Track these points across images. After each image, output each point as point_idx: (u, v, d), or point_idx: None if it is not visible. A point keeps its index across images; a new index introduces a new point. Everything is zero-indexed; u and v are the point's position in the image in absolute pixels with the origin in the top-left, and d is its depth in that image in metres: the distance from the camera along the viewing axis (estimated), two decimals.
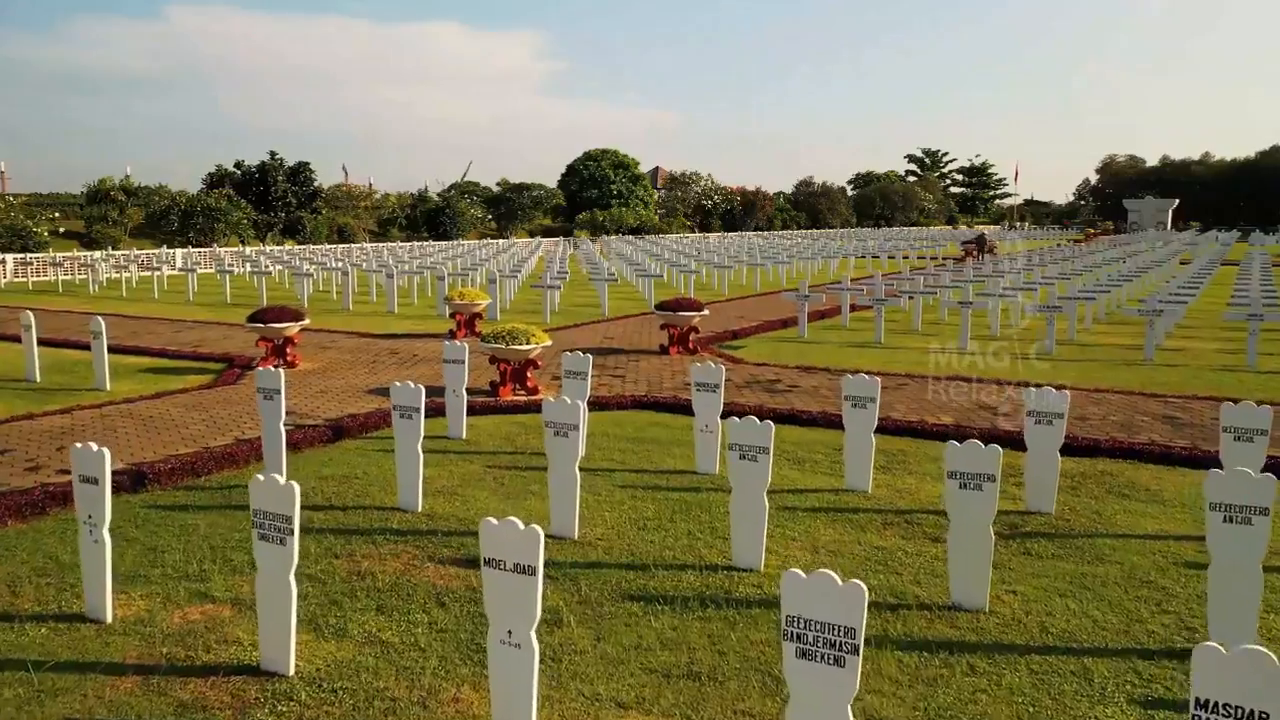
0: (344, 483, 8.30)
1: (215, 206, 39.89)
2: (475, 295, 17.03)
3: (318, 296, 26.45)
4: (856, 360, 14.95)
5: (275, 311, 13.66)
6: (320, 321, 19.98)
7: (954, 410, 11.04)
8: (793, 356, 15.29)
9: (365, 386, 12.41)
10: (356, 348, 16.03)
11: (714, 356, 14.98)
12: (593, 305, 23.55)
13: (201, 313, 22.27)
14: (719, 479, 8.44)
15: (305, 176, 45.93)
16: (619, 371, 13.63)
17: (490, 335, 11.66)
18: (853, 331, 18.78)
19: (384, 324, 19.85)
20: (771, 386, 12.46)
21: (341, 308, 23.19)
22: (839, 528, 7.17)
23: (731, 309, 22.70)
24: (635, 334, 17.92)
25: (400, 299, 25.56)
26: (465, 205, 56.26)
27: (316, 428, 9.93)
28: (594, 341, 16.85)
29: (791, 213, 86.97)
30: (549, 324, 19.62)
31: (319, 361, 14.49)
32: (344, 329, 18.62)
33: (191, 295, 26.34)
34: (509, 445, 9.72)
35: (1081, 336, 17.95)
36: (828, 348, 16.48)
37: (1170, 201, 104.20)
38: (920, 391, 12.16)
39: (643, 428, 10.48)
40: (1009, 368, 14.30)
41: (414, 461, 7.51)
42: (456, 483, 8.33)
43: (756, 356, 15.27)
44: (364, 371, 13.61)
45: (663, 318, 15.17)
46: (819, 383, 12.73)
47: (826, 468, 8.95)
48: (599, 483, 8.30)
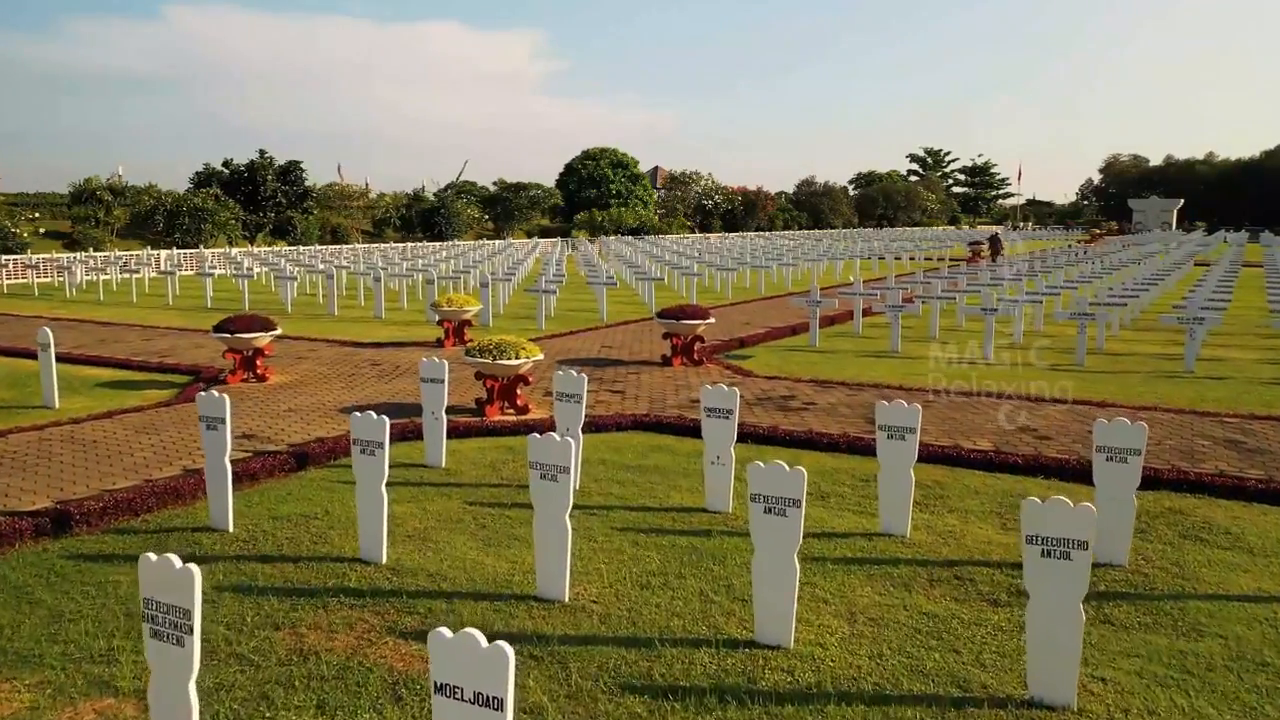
0: (300, 524, 7.19)
1: (202, 207, 38.70)
2: (464, 301, 15.93)
3: (303, 301, 25.33)
4: (874, 372, 13.85)
5: (244, 320, 12.55)
6: (300, 328, 18.87)
7: (990, 432, 9.94)
8: (806, 368, 14.19)
9: (339, 404, 11.30)
10: (336, 358, 14.92)
11: (720, 368, 13.88)
12: (590, 310, 22.45)
13: (178, 318, 21.16)
14: (733, 519, 7.35)
15: (296, 176, 44.72)
16: (618, 386, 12.52)
17: (476, 349, 10.55)
18: (867, 339, 17.68)
19: (369, 331, 18.74)
20: (785, 404, 11.35)
21: (326, 313, 22.08)
22: (878, 585, 6.06)
23: (736, 314, 21.59)
24: (635, 342, 16.82)
25: (389, 303, 24.46)
26: (461, 205, 55.10)
27: (278, 455, 8.82)
28: (591, 351, 15.74)
29: (793, 213, 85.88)
30: (544, 330, 18.52)
31: (293, 374, 13.38)
32: (324, 337, 17.50)
33: (171, 299, 25.23)
34: (494, 475, 8.61)
35: (1110, 345, 16.85)
36: (842, 358, 15.37)
37: (1175, 201, 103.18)
38: (949, 409, 11.05)
39: (644, 453, 9.38)
40: (1040, 380, 13.20)
41: (377, 506, 6.40)
42: (431, 524, 7.22)
43: (766, 368, 14.16)
44: (340, 386, 12.50)
45: (665, 326, 14.07)
46: (837, 399, 11.62)
47: (855, 503, 7.84)
48: (595, 525, 7.19)
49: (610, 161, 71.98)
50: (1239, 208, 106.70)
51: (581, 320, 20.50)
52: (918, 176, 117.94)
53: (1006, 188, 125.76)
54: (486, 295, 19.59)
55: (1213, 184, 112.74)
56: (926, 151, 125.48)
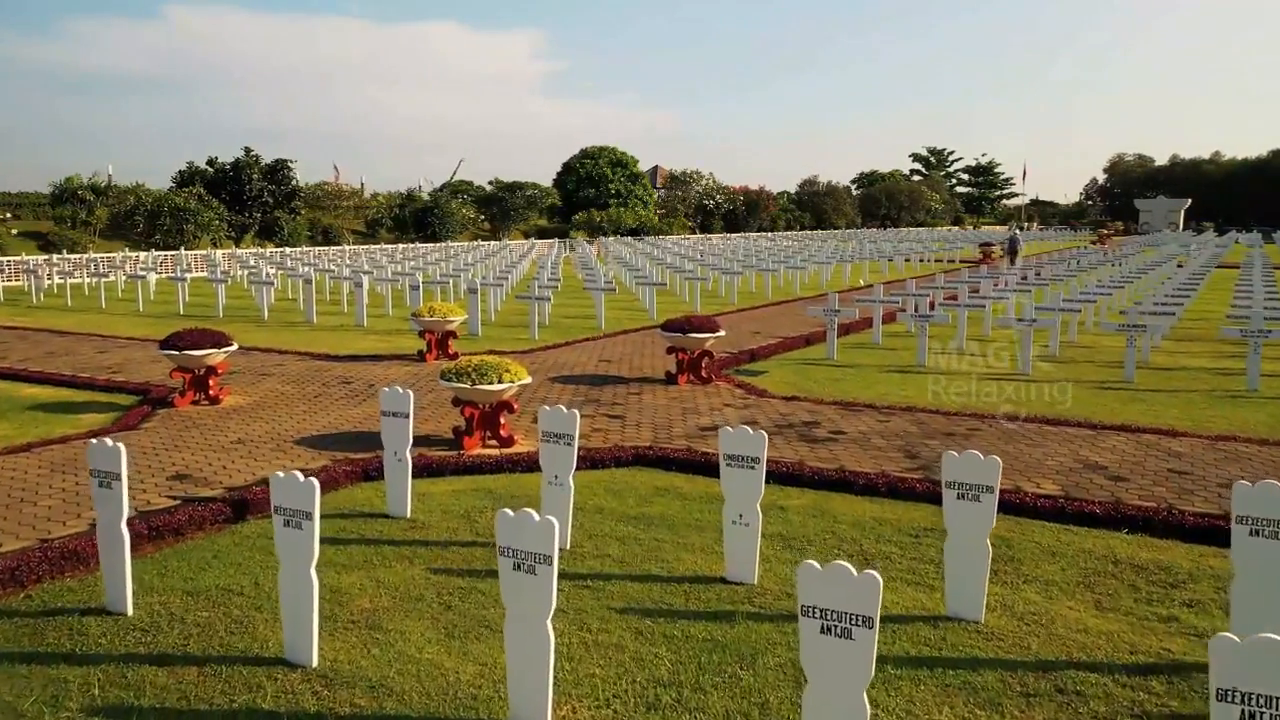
0: (219, 603, 5.74)
1: (184, 206, 37.16)
2: (448, 310, 14.48)
3: (282, 306, 23.87)
4: (904, 391, 12.40)
5: (193, 335, 11.10)
6: (271, 338, 17.41)
7: (1051, 470, 8.49)
8: (826, 386, 12.74)
9: (297, 433, 9.85)
10: (304, 374, 13.46)
11: (731, 387, 12.43)
12: (588, 317, 21.01)
13: (144, 327, 19.70)
14: (759, 594, 5.91)
15: (283, 174, 43.16)
16: (617, 409, 11.07)
17: (453, 372, 9.10)
18: (888, 351, 16.23)
19: (346, 342, 17.28)
20: (809, 432, 9.90)
21: (305, 320, 20.62)
22: (958, 705, 4.61)
23: (744, 322, 20.15)
24: (636, 355, 15.36)
25: (374, 309, 23.01)
26: (456, 205, 53.56)
27: (211, 503, 7.38)
28: (588, 365, 14.29)
29: (795, 213, 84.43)
30: (537, 341, 17.07)
31: (252, 394, 11.93)
32: (295, 348, 16.03)
33: (142, 305, 23.78)
34: (468, 529, 7.16)
35: (1154, 357, 15.41)
36: (865, 373, 13.92)
37: (1182, 201, 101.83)
38: (998, 439, 9.61)
39: (648, 497, 7.94)
40: (1091, 402, 11.76)
41: (304, 593, 4.95)
42: (383, 602, 5.78)
43: (783, 386, 12.71)
44: (303, 409, 11.04)
45: (670, 340, 12.63)
46: (868, 426, 10.17)
47: (907, 569, 6.40)
48: (587, 603, 5.75)
49: (609, 160, 70.50)
50: (1246, 208, 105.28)
51: (578, 329, 19.04)
52: (921, 176, 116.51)
53: (1011, 187, 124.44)
54: (475, 302, 18.14)
55: (1219, 184, 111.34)
56: (930, 151, 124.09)
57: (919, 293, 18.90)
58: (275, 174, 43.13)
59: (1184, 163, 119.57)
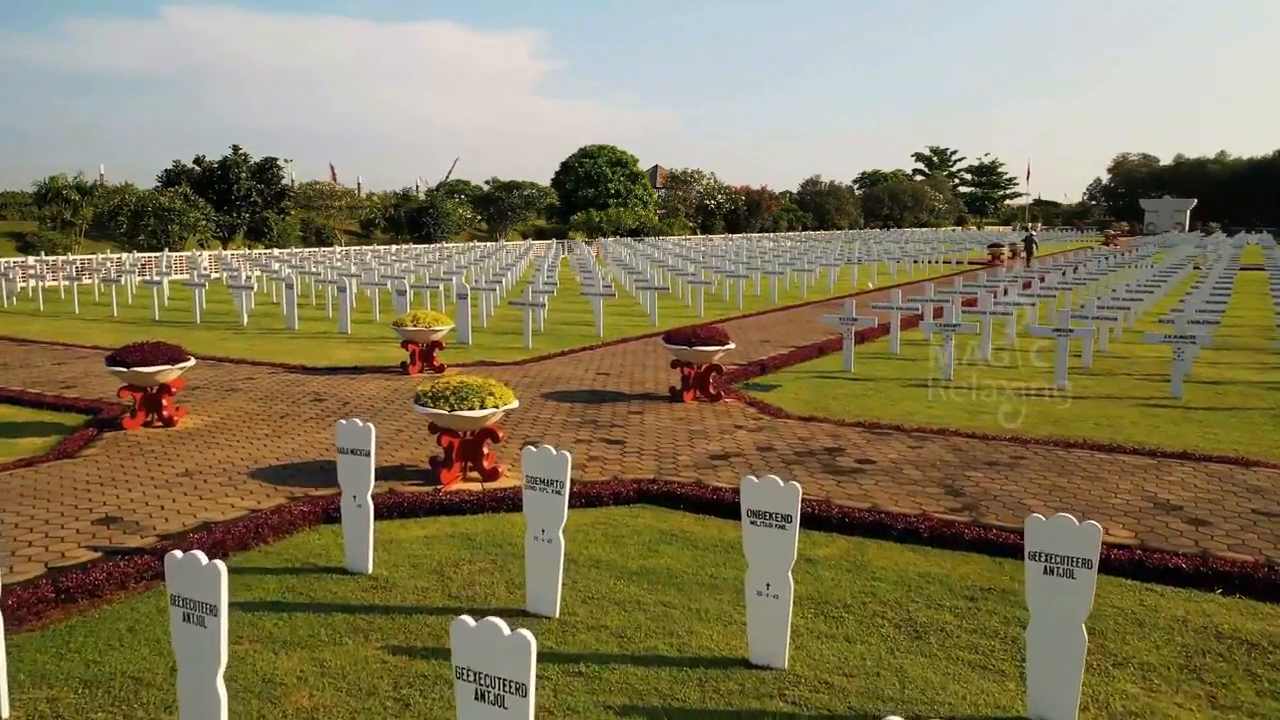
0: (119, 703, 4.62)
1: (169, 206, 35.96)
2: (433, 318, 13.34)
3: (263, 312, 22.72)
4: (932, 410, 11.27)
5: (143, 350, 9.95)
6: (246, 348, 16.27)
7: (1117, 510, 7.36)
8: (847, 404, 11.60)
9: (254, 463, 8.71)
10: (274, 389, 12.32)
11: (742, 405, 11.30)
12: (585, 323, 19.88)
13: (114, 334, 18.57)
14: (791, 682, 4.78)
15: (272, 173, 41.92)
16: (616, 432, 9.93)
17: (429, 395, 7.96)
18: (908, 361, 15.08)
19: (325, 352, 16.13)
20: (833, 462, 8.76)
21: (286, 327, 19.47)
22: None
23: (752, 329, 19.01)
24: (638, 367, 14.23)
25: (361, 314, 21.88)
26: (452, 205, 52.33)
27: (138, 557, 6.25)
28: (585, 379, 13.15)
29: (798, 213, 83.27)
30: (530, 350, 15.93)
31: (212, 413, 10.79)
32: (270, 360, 14.90)
33: (116, 310, 22.64)
34: (440, 589, 6.03)
35: (1195, 369, 14.27)
36: (886, 388, 12.78)
37: (1188, 201, 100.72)
38: (1048, 469, 8.47)
39: (653, 545, 6.80)
40: (1141, 423, 10.63)
41: (209, 709, 3.81)
42: (326, 699, 4.64)
43: (799, 404, 11.57)
44: (265, 433, 9.90)
45: (675, 353, 11.49)
46: (899, 453, 9.03)
47: (966, 644, 5.27)
48: (579, 699, 4.62)
49: (609, 159, 69.33)
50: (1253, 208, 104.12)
51: (575, 337, 17.90)
52: (924, 176, 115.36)
53: (1014, 187, 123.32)
54: (465, 308, 17.00)
55: (1224, 184, 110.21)
56: (932, 150, 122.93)
57: (938, 298, 17.75)
58: (264, 173, 41.88)
59: (1189, 162, 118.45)
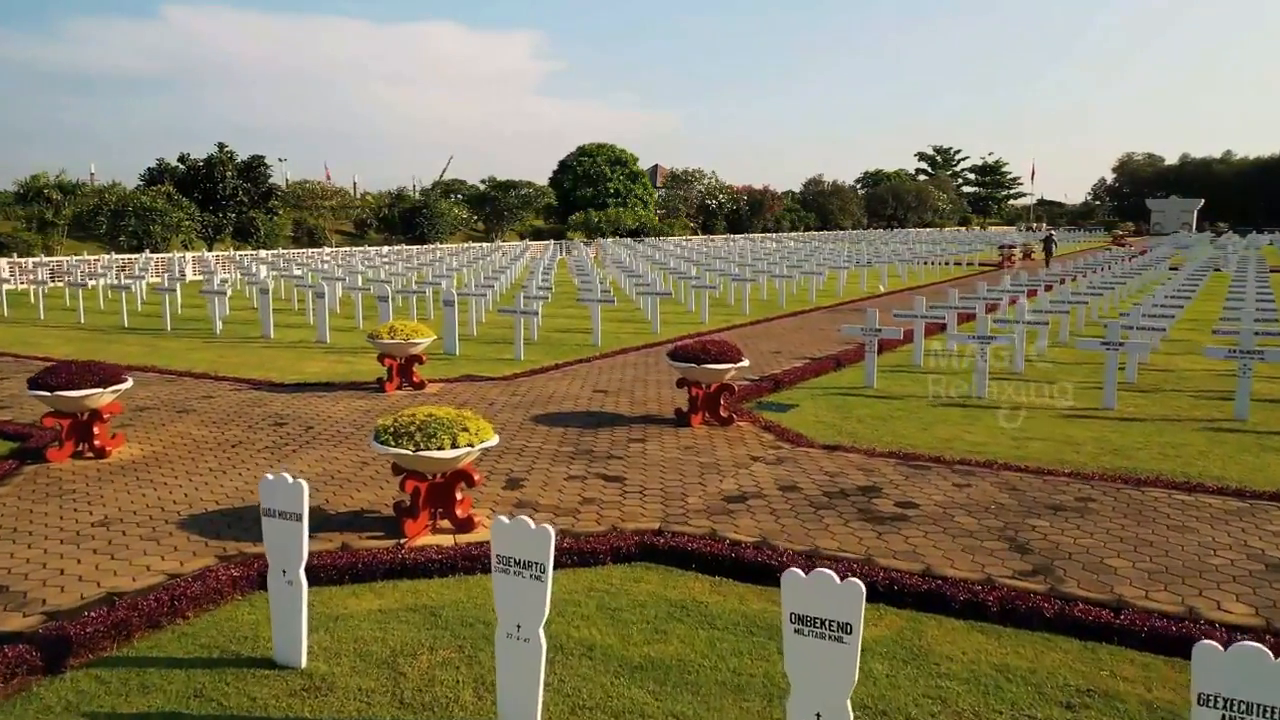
0: None
1: (151, 206, 34.56)
2: (412, 330, 12.04)
3: (240, 318, 21.40)
4: (971, 434, 9.97)
5: (70, 371, 8.64)
6: (213, 359, 14.94)
7: (1224, 575, 6.06)
8: (875, 428, 10.30)
9: (189, 506, 7.41)
10: (232, 410, 11.01)
11: (757, 430, 10.00)
12: (583, 330, 18.59)
13: (75, 344, 17.28)
14: None
15: (259, 172, 40.49)
16: (615, 465, 8.62)
17: (390, 431, 6.66)
18: (934, 375, 13.78)
19: (298, 363, 14.83)
20: (870, 505, 7.46)
21: (261, 336, 18.16)
22: None
23: (761, 338, 17.72)
24: (639, 382, 12.94)
25: (344, 321, 20.58)
26: (447, 205, 50.94)
27: (13, 644, 4.94)
28: (580, 397, 11.85)
29: (800, 213, 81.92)
30: (522, 362, 14.62)
31: (155, 441, 9.48)
32: (235, 374, 13.59)
33: (84, 316, 21.32)
34: (392, 690, 4.73)
35: (1257, 385, 12.96)
36: (915, 407, 11.47)
37: (1195, 201, 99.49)
38: (1124, 515, 7.17)
39: (659, 623, 5.51)
40: (1210, 452, 9.33)
41: None
42: None
43: (820, 428, 10.27)
44: (210, 466, 8.59)
45: (681, 371, 10.19)
46: (944, 494, 7.73)
47: None
48: None
49: (608, 158, 67.97)
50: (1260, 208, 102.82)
51: (570, 347, 16.59)
52: (927, 175, 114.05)
53: (1018, 187, 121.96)
54: (452, 316, 15.69)
55: (1230, 184, 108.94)
56: (936, 150, 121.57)
57: (963, 304, 16.45)
58: (251, 171, 40.46)
59: (1194, 162, 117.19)
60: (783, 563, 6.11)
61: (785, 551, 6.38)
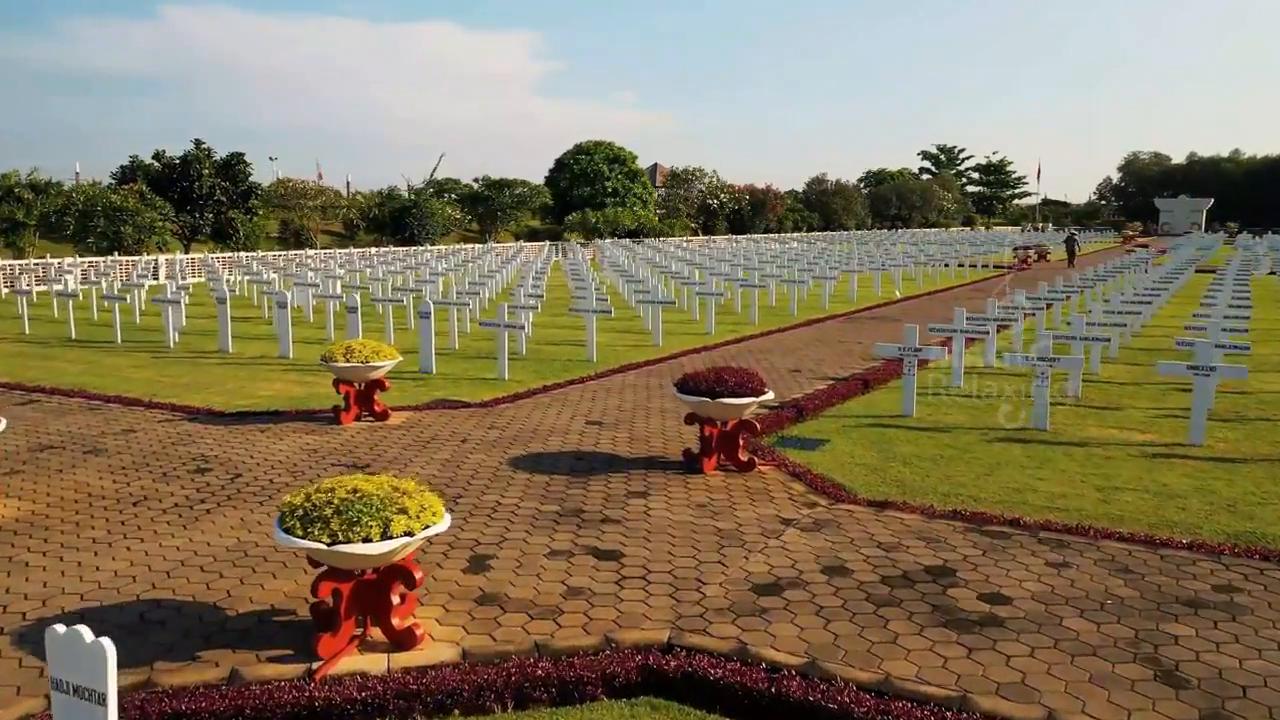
0: None
1: (121, 206, 32.64)
2: (372, 351, 10.21)
3: (202, 328, 19.54)
4: (1042, 480, 8.17)
5: None
6: (151, 380, 13.09)
7: None
8: (924, 471, 8.49)
9: (36, 607, 5.59)
10: (150, 450, 9.18)
11: (784, 478, 8.20)
12: (576, 342, 16.79)
13: (3, 361, 15.46)
14: None
15: (238, 170, 38.52)
16: (609, 534, 6.80)
17: (298, 514, 4.85)
18: (977, 399, 11.97)
19: (251, 384, 13.02)
20: (944, 597, 5.66)
21: (219, 350, 16.34)
22: None
23: (775, 352, 15.91)
24: (640, 411, 11.13)
25: (315, 331, 18.77)
26: (438, 205, 48.98)
27: None
28: (570, 432, 10.03)
29: (804, 213, 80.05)
30: (505, 382, 12.80)
31: (38, 496, 7.65)
32: (172, 399, 11.76)
33: (29, 326, 19.48)
34: None
35: None
36: (966, 445, 9.66)
37: (1205, 201, 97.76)
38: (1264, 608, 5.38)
39: None
40: None
41: None
42: None
43: (861, 473, 8.46)
44: (94, 535, 6.75)
45: (693, 406, 8.37)
46: (1040, 578, 5.92)
47: None
48: None
49: (606, 156, 66.11)
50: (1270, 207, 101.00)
51: (562, 364, 14.78)
52: (930, 175, 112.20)
53: (1024, 186, 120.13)
54: (428, 330, 13.88)
55: (1239, 183, 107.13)
56: (939, 148, 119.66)
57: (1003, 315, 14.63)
58: (229, 170, 38.50)
59: (1202, 161, 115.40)
60: (845, 704, 4.33)
61: (847, 685, 4.57)
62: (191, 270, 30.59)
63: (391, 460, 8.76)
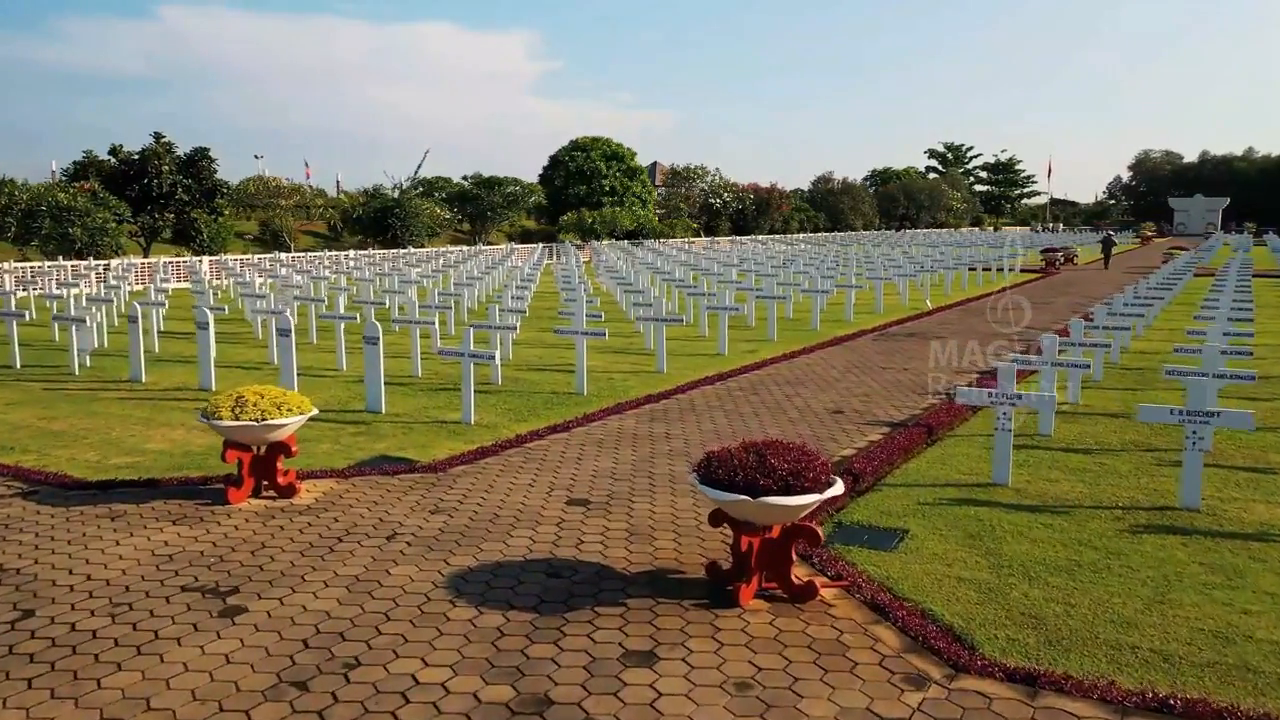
0: None
1: (69, 205, 29.74)
2: (271, 403, 7.41)
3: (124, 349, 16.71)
4: (1255, 613, 5.38)
5: None
6: (17, 425, 10.21)
7: None
8: (1062, 594, 5.70)
9: None
10: None
11: (856, 607, 5.41)
12: (565, 368, 14.01)
13: None
14: None
15: (202, 167, 35.55)
16: None
17: None
18: (1078, 454, 9.17)
19: (145, 430, 10.20)
20: None
21: (130, 379, 13.53)
22: None
23: (806, 383, 13.10)
24: (642, 481, 8.32)
25: (258, 353, 15.97)
26: (424, 204, 46.08)
27: None
28: (541, 524, 7.22)
29: (810, 212, 77.18)
30: (469, 430, 9.97)
31: None
32: (23, 460, 8.92)
33: None
34: None
35: None
36: (1104, 537, 6.88)
37: (1221, 200, 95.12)
38: None
39: None
40: None
41: None
42: None
43: (966, 592, 5.68)
44: None
45: (724, 505, 5.56)
46: None
47: None
48: None
49: (603, 153, 63.19)
50: None
51: (544, 399, 11.98)
52: (937, 173, 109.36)
53: (1033, 185, 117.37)
54: (376, 358, 11.05)
55: (1253, 182, 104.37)
56: (947, 147, 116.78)
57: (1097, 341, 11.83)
58: (192, 166, 35.53)
59: (1214, 159, 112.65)
60: None
61: None
62: (136, 276, 27.72)
63: (275, 579, 5.95)
